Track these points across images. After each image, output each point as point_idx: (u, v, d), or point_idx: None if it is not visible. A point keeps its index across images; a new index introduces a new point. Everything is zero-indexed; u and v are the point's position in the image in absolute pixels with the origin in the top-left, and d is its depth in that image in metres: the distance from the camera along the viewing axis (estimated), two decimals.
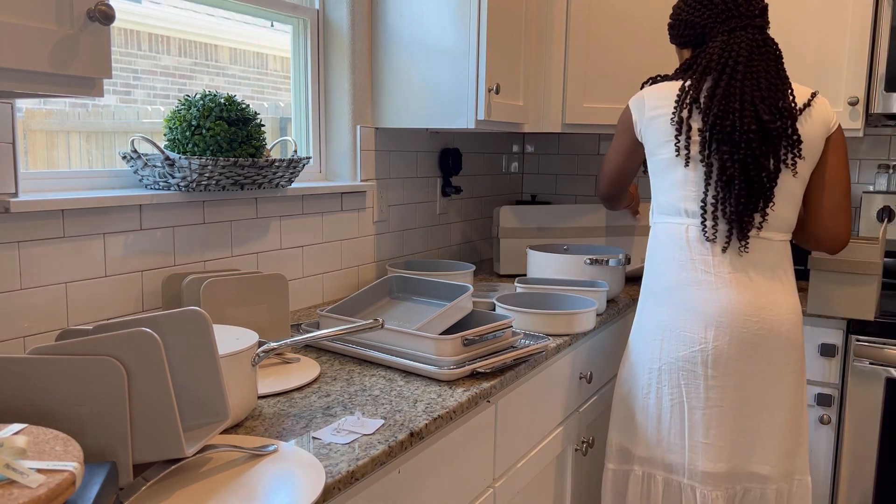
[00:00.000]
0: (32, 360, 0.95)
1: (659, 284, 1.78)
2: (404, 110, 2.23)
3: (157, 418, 0.97)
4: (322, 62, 2.22)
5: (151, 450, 0.97)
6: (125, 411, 0.93)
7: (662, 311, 1.76)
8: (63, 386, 0.94)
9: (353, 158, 2.24)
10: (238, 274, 1.63)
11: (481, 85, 2.10)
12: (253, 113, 1.74)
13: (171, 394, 0.96)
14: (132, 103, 1.77)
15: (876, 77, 2.34)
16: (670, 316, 1.74)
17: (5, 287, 1.36)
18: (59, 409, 0.94)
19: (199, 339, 1.06)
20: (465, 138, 2.82)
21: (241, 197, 1.84)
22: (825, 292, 2.16)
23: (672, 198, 1.75)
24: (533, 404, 1.69)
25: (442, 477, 1.34)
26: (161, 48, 1.81)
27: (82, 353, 0.96)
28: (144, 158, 1.61)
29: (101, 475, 0.80)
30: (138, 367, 0.96)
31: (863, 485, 2.20)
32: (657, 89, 1.79)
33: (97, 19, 1.00)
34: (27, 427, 0.81)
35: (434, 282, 1.81)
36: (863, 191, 2.71)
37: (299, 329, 1.75)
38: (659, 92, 1.78)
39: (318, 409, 1.28)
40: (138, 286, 1.61)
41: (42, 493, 0.68)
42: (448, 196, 2.73)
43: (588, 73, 2.55)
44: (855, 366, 2.17)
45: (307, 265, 2.08)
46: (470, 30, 2.10)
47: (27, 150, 1.56)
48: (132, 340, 0.96)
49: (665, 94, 1.76)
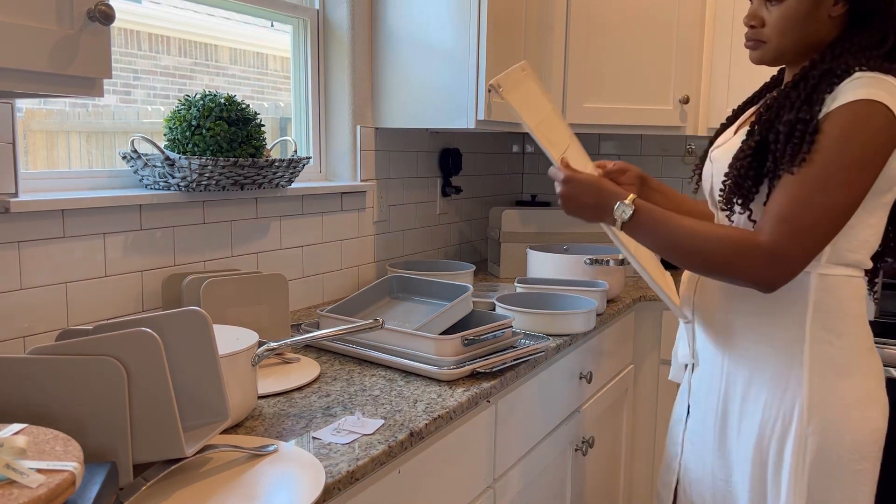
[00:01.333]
0: (32, 360, 0.95)
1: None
2: (404, 110, 2.23)
3: (157, 418, 0.97)
4: (322, 62, 2.22)
5: (151, 450, 0.97)
6: (125, 411, 0.93)
7: None
8: (63, 386, 0.94)
9: (353, 158, 2.24)
10: (238, 274, 1.63)
11: (481, 85, 2.10)
12: (253, 113, 1.74)
13: (171, 394, 0.96)
14: (132, 103, 1.77)
15: None
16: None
17: (5, 287, 1.36)
18: (59, 409, 0.94)
19: (200, 340, 1.06)
20: (465, 138, 2.82)
21: (241, 197, 1.84)
22: None
23: (867, 249, 1.31)
24: (533, 404, 1.69)
25: (442, 477, 1.34)
26: (161, 48, 1.81)
27: (82, 354, 0.96)
28: (144, 158, 1.61)
29: (101, 475, 0.80)
30: (138, 367, 0.96)
31: None
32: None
33: (97, 19, 1.00)
34: (27, 427, 0.81)
35: (434, 282, 1.81)
36: None
37: (299, 329, 1.75)
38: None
39: (318, 409, 1.28)
40: (138, 286, 1.61)
41: (42, 493, 0.68)
42: (448, 196, 2.72)
43: (588, 73, 2.55)
44: None
45: (307, 265, 2.08)
46: (470, 30, 2.10)
47: (27, 150, 1.56)
48: (132, 340, 0.96)
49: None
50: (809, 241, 1.20)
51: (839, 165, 1.18)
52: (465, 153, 2.82)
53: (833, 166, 1.18)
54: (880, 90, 1.18)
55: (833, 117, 1.20)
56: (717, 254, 1.24)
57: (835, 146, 1.18)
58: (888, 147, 1.20)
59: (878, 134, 1.18)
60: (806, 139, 1.20)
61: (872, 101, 1.18)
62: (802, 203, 1.19)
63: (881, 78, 1.19)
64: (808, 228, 1.19)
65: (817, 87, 1.22)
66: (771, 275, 1.21)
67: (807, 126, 1.20)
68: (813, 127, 1.20)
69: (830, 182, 1.18)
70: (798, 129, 1.21)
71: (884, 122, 1.18)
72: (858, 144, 1.18)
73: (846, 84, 1.20)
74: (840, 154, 1.18)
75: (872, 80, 1.19)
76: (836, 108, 1.20)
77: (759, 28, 1.33)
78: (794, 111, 1.23)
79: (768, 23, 1.31)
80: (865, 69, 1.21)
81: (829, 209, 1.19)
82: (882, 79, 1.19)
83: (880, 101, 1.18)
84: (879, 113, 1.18)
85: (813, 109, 1.21)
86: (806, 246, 1.20)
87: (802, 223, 1.19)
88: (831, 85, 1.21)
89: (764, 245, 1.20)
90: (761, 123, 1.28)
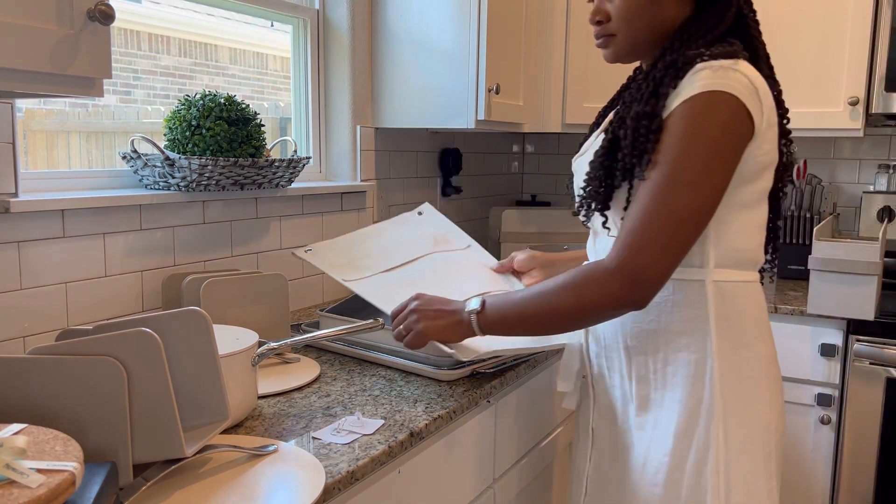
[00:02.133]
0: (32, 360, 0.95)
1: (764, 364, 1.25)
2: (404, 110, 2.23)
3: (157, 418, 0.96)
4: (322, 62, 2.22)
5: (151, 450, 0.97)
6: (125, 411, 0.93)
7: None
8: (63, 386, 0.94)
9: (353, 158, 2.24)
10: (238, 274, 1.63)
11: (481, 85, 2.10)
12: (253, 113, 1.74)
13: (171, 394, 0.96)
14: (132, 103, 1.77)
15: (876, 77, 2.34)
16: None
17: (5, 287, 1.36)
18: (59, 409, 0.94)
19: (200, 340, 1.06)
20: (465, 138, 2.82)
21: (241, 197, 1.84)
22: (824, 292, 2.16)
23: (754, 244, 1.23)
24: (533, 404, 1.69)
25: (442, 477, 1.34)
26: (161, 48, 1.81)
27: (82, 354, 0.96)
28: (144, 158, 1.61)
29: (101, 475, 0.80)
30: (138, 367, 0.96)
31: (863, 485, 2.20)
32: (755, 71, 1.15)
33: (97, 19, 1.00)
34: (27, 427, 0.81)
35: None
36: (863, 191, 2.71)
37: (299, 329, 1.75)
38: (759, 77, 1.15)
39: (318, 409, 1.28)
40: (138, 286, 1.61)
41: (42, 493, 0.68)
42: (448, 196, 2.72)
43: (588, 73, 2.55)
44: (855, 366, 2.17)
45: (307, 265, 2.08)
46: (470, 30, 2.10)
47: (27, 150, 1.56)
48: (132, 340, 0.96)
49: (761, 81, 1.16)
50: (659, 251, 1.08)
51: (685, 166, 1.08)
52: (465, 153, 2.82)
53: (678, 167, 1.08)
54: (724, 79, 1.09)
55: (675, 115, 1.11)
56: (572, 297, 1.14)
57: (679, 145, 1.09)
58: (740, 139, 1.11)
59: (725, 127, 1.08)
60: (650, 137, 1.11)
61: (716, 91, 1.08)
62: (649, 211, 1.08)
63: (725, 66, 1.10)
64: (656, 238, 1.08)
65: (662, 81, 1.14)
66: (629, 293, 1.09)
67: (651, 121, 1.12)
68: (657, 124, 1.11)
69: (677, 185, 1.08)
70: (643, 125, 1.12)
71: (730, 113, 1.09)
72: (704, 141, 1.08)
73: (688, 78, 1.11)
74: (685, 153, 1.08)
75: (716, 71, 1.10)
76: (678, 105, 1.10)
77: (606, 23, 1.23)
78: (641, 103, 1.14)
79: (613, 15, 1.21)
80: (708, 58, 1.12)
81: (678, 214, 1.07)
82: (726, 67, 1.10)
83: (725, 90, 1.08)
84: (724, 104, 1.08)
85: (658, 104, 1.12)
86: (656, 257, 1.08)
87: (650, 233, 1.08)
88: (675, 79, 1.12)
89: (610, 266, 1.10)
90: (615, 120, 1.19)
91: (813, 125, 2.41)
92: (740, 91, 1.09)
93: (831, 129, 2.41)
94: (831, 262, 2.14)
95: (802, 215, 2.60)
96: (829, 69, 2.39)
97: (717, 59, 1.11)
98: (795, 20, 2.41)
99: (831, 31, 2.37)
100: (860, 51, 2.34)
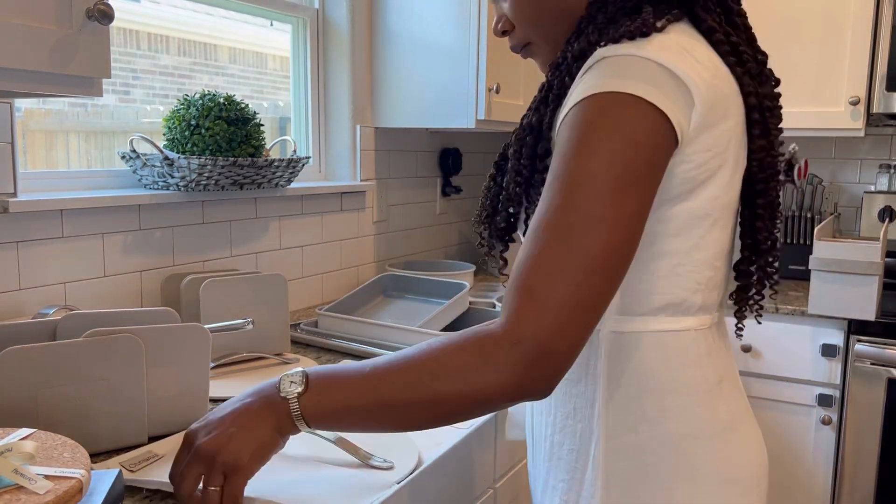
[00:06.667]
0: (50, 346, 0.95)
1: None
2: (404, 110, 2.23)
3: None
4: (322, 62, 2.21)
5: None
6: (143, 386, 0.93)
7: None
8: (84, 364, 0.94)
9: (353, 158, 2.24)
10: (238, 274, 1.63)
11: (481, 85, 2.10)
12: (252, 112, 1.74)
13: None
14: (131, 103, 1.77)
15: (877, 77, 2.34)
16: None
17: (5, 287, 1.36)
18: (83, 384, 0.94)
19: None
20: (465, 138, 2.82)
21: (241, 197, 1.84)
22: (826, 292, 2.16)
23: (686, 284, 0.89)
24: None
25: (442, 477, 1.34)
26: (160, 48, 1.81)
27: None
28: (143, 158, 1.60)
29: (107, 483, 0.80)
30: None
31: (864, 485, 2.20)
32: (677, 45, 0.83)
33: (96, 19, 1.00)
34: (35, 432, 0.81)
35: (427, 280, 1.81)
36: (864, 191, 2.70)
37: (297, 329, 1.74)
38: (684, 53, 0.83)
39: None
40: (137, 286, 1.61)
41: (49, 499, 0.68)
42: (448, 196, 2.72)
43: None
44: (856, 366, 2.17)
45: (307, 265, 2.08)
46: (470, 29, 2.09)
47: (26, 150, 1.56)
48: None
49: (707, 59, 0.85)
50: (569, 311, 0.73)
51: (586, 195, 0.75)
52: (465, 153, 2.82)
53: (576, 197, 0.75)
54: (627, 75, 0.78)
55: (562, 128, 0.80)
56: (445, 378, 0.75)
57: (571, 169, 0.76)
58: (656, 150, 0.78)
59: (631, 138, 0.76)
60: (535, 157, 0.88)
61: (609, 94, 0.77)
62: (543, 257, 0.74)
63: (627, 55, 0.80)
64: (562, 294, 0.73)
65: (552, 84, 0.89)
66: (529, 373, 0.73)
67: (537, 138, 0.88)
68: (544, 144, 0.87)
69: (581, 220, 0.74)
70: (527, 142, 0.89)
71: (634, 120, 0.77)
72: (605, 158, 0.75)
73: (582, 75, 0.83)
74: (580, 179, 0.75)
75: (615, 61, 0.80)
76: (566, 113, 0.81)
77: (511, 31, 0.99)
78: (529, 113, 0.91)
79: (514, 21, 0.97)
80: (607, 42, 0.83)
81: (584, 259, 0.74)
82: (628, 56, 0.80)
83: (621, 91, 0.77)
84: (625, 108, 0.77)
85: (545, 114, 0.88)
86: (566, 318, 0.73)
87: (553, 289, 0.73)
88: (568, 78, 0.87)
89: (500, 334, 0.74)
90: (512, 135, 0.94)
91: (814, 125, 2.41)
92: (646, 89, 0.77)
93: (832, 128, 2.41)
94: (832, 263, 2.14)
95: (803, 215, 2.60)
96: (829, 69, 2.39)
97: (620, 41, 0.82)
98: (796, 20, 2.41)
99: (832, 30, 2.37)
100: (861, 50, 2.34)
